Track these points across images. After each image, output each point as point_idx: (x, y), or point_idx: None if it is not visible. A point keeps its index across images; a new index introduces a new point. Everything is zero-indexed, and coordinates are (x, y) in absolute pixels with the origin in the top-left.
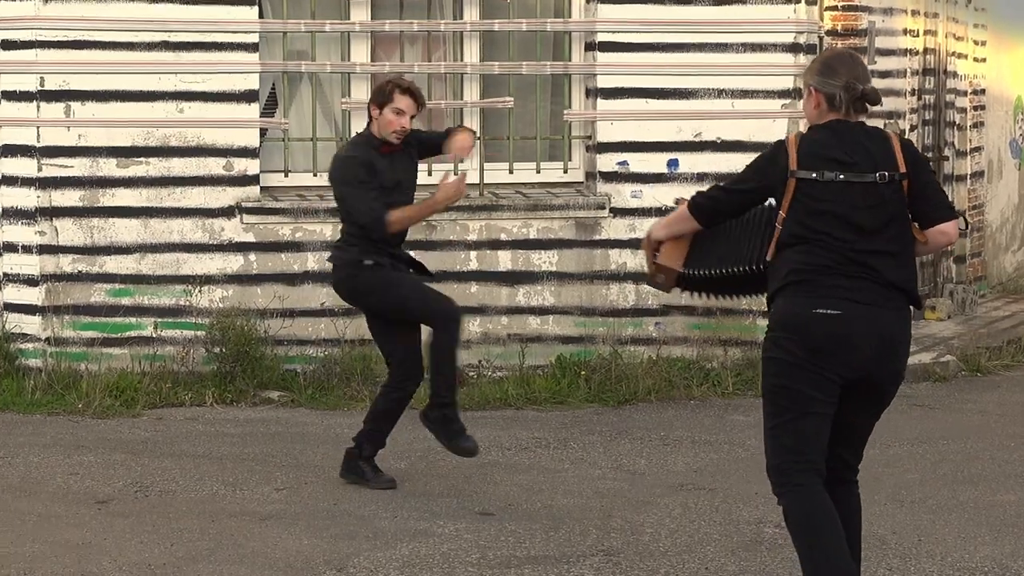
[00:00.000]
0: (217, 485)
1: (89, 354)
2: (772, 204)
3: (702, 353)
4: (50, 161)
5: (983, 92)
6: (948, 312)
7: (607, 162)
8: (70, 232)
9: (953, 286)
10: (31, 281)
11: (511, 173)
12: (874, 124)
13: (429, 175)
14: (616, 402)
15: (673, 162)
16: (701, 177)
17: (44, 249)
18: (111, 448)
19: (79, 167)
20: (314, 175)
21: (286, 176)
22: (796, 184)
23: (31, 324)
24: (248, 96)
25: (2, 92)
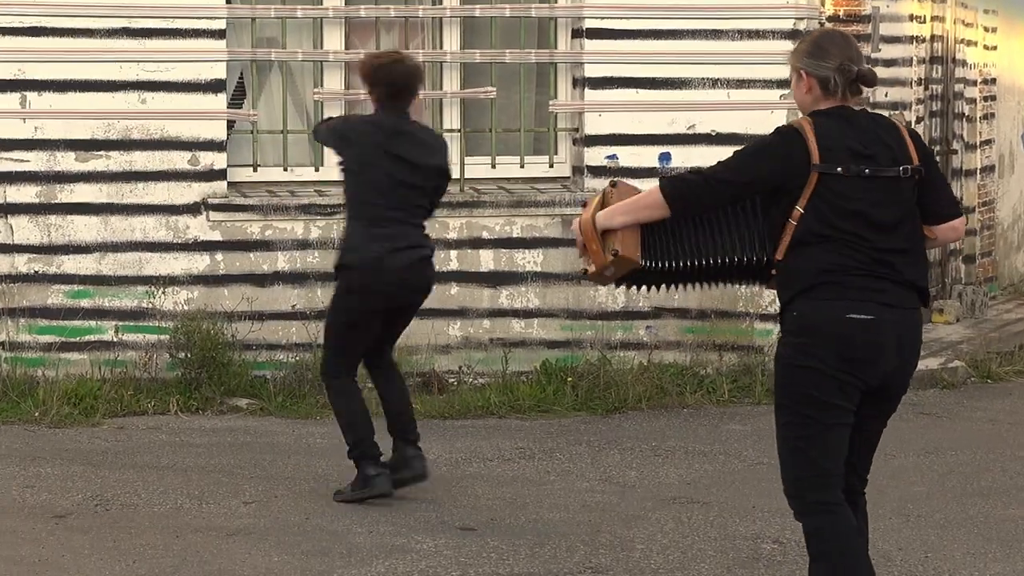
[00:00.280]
0: (182, 498)
1: (46, 359)
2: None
3: (696, 358)
4: (4, 155)
5: (994, 82)
6: (957, 315)
7: (595, 156)
8: (26, 230)
9: (962, 287)
10: None
11: (493, 168)
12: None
13: None
14: (605, 410)
15: (665, 156)
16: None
17: None
18: (69, 459)
19: (35, 161)
20: (285, 169)
21: (255, 171)
22: (818, 179)
23: None
24: (215, 86)
25: None
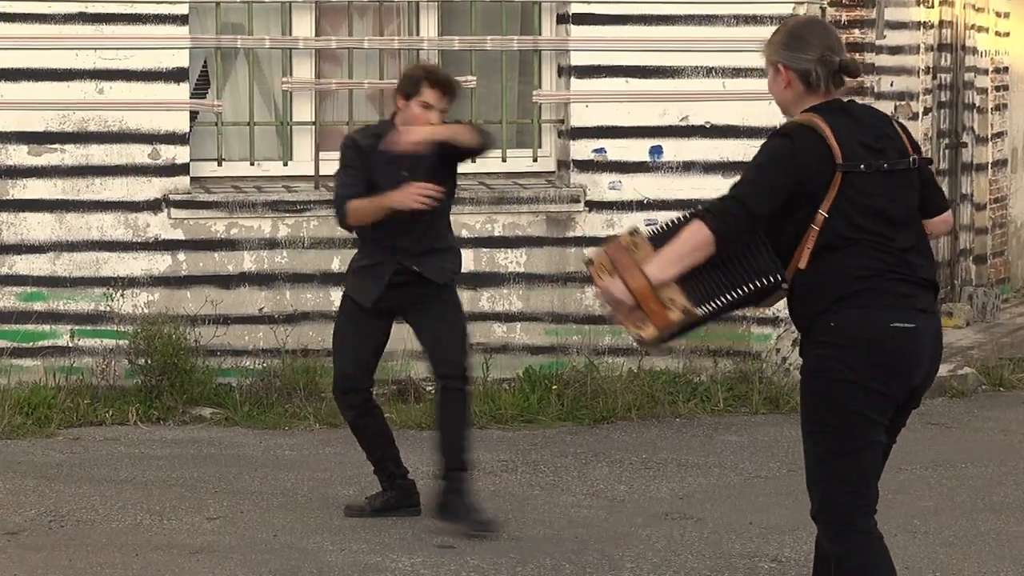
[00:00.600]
0: (141, 514)
1: None
2: None
3: (689, 365)
4: None
5: (1006, 70)
6: (967, 319)
7: (582, 149)
8: None
9: (973, 289)
10: None
11: (473, 162)
12: (886, 105)
13: None
14: (592, 420)
15: (656, 149)
16: (688, 166)
17: None
18: (22, 473)
19: None
20: (251, 164)
21: (219, 165)
22: (843, 178)
23: None
24: (176, 75)
25: None
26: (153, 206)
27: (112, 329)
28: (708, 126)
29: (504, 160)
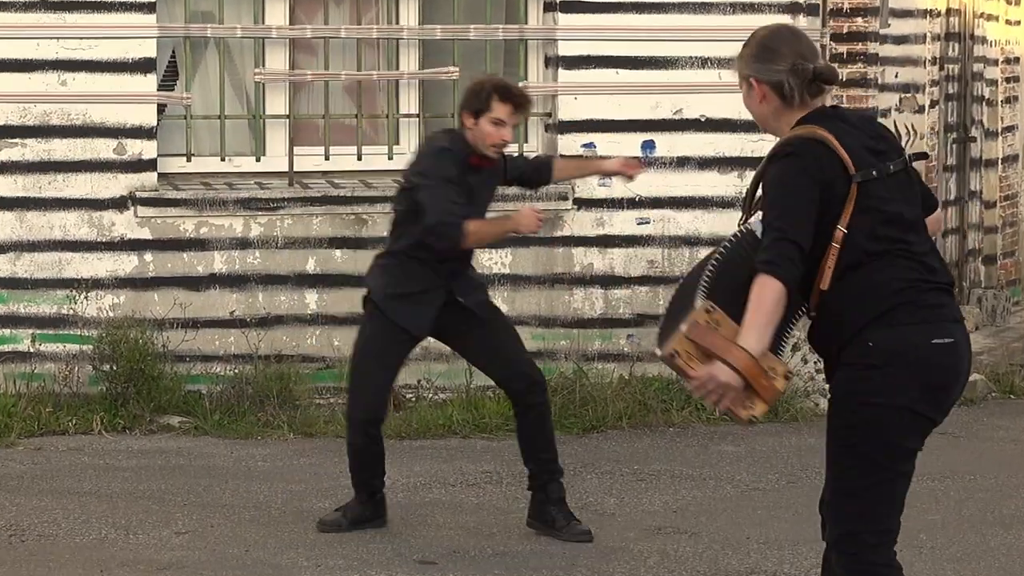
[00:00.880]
0: (106, 528)
1: None
2: (748, 229)
3: None
4: None
5: (1017, 61)
6: (976, 323)
7: (570, 144)
8: None
9: (982, 292)
10: None
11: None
12: (891, 98)
13: None
14: (581, 429)
15: (649, 144)
16: (682, 162)
17: None
18: None
19: None
20: (222, 159)
21: (189, 161)
22: (858, 189)
23: None
24: (143, 66)
25: None
26: (119, 204)
27: (75, 333)
28: (703, 119)
29: None
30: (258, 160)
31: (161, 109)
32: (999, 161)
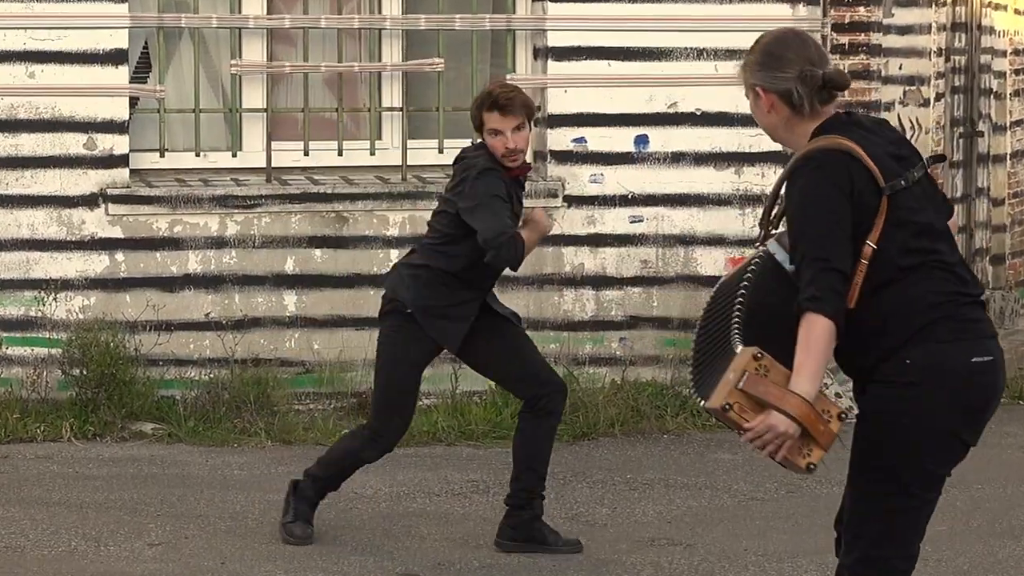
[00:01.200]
0: (76, 540)
1: None
2: (768, 253)
3: (677, 376)
4: None
5: None
6: None
7: (560, 139)
8: None
9: (989, 292)
10: None
11: (441, 153)
12: (894, 90)
13: None
14: (571, 436)
15: (642, 139)
16: (677, 157)
17: None
18: None
19: None
20: (197, 155)
21: (162, 156)
22: (889, 202)
23: None
24: (115, 57)
25: None
26: (89, 201)
27: (44, 336)
28: (699, 113)
29: None
30: (234, 155)
31: (133, 102)
32: (1007, 157)
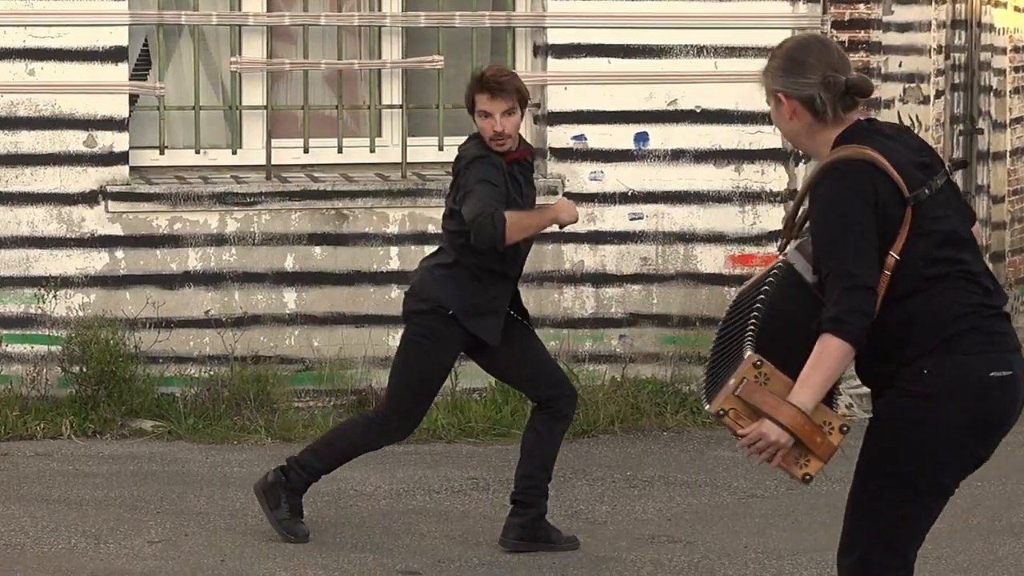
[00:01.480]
0: (76, 537)
1: None
2: (788, 263)
3: (678, 373)
4: None
5: None
6: None
7: (560, 136)
8: None
9: None
10: None
11: (441, 150)
12: (894, 88)
13: None
14: (571, 434)
15: (642, 136)
16: (676, 155)
17: None
18: None
19: None
20: (196, 152)
21: (162, 154)
22: (913, 212)
23: None
24: (115, 54)
25: None
26: (89, 199)
27: (44, 334)
28: (699, 110)
29: None
30: (234, 153)
31: (133, 100)
32: (1007, 154)
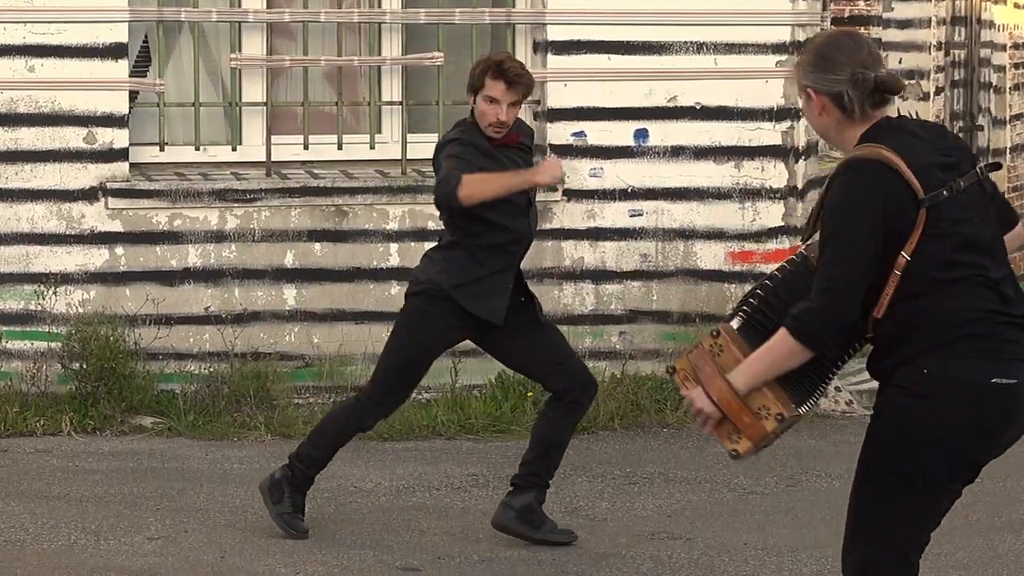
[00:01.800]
0: (76, 533)
1: None
2: (804, 255)
3: None
4: None
5: None
6: None
7: (559, 133)
8: None
9: None
10: None
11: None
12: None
13: None
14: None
15: (641, 133)
16: (676, 151)
17: None
18: None
19: None
20: (196, 149)
21: (162, 150)
22: (927, 214)
23: None
24: (115, 51)
25: None
26: (89, 195)
27: (43, 330)
28: (699, 107)
29: None
30: (234, 149)
31: (133, 96)
32: (1007, 151)
